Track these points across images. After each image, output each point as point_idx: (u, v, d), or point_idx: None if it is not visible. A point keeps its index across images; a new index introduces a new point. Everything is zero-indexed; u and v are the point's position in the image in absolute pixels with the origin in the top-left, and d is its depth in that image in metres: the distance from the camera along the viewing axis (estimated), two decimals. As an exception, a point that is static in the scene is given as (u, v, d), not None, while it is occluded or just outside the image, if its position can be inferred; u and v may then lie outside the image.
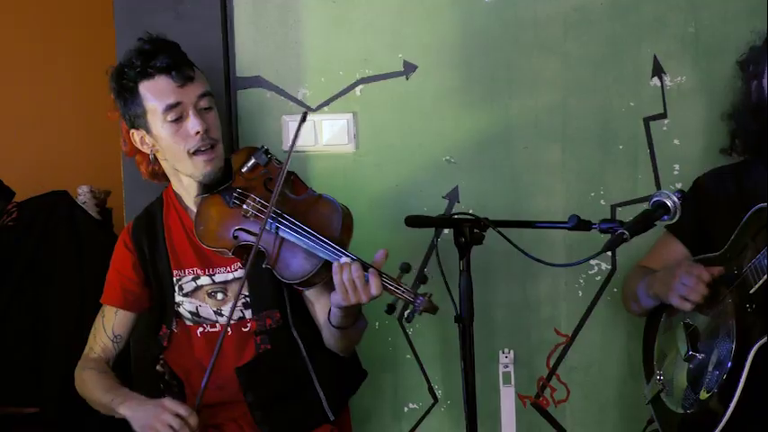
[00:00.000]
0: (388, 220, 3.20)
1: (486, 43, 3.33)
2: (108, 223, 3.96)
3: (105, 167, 4.11)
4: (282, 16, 3.32)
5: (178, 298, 2.99)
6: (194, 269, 2.99)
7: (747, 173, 3.04)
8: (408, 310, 2.72)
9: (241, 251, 2.87)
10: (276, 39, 3.28)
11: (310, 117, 3.30)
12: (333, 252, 2.75)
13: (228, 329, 2.91)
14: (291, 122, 3.30)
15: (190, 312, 2.98)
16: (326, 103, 3.34)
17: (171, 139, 2.89)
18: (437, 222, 2.98)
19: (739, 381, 2.75)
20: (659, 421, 3.04)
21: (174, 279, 3.00)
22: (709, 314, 2.90)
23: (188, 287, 2.99)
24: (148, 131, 2.92)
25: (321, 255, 2.77)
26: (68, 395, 2.94)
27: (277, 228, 2.83)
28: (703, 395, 2.86)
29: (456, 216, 2.91)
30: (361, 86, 3.33)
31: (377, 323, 3.32)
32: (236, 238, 2.87)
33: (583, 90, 3.34)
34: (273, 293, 2.95)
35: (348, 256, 2.74)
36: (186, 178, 2.98)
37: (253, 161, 2.93)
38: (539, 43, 3.33)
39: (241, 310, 2.95)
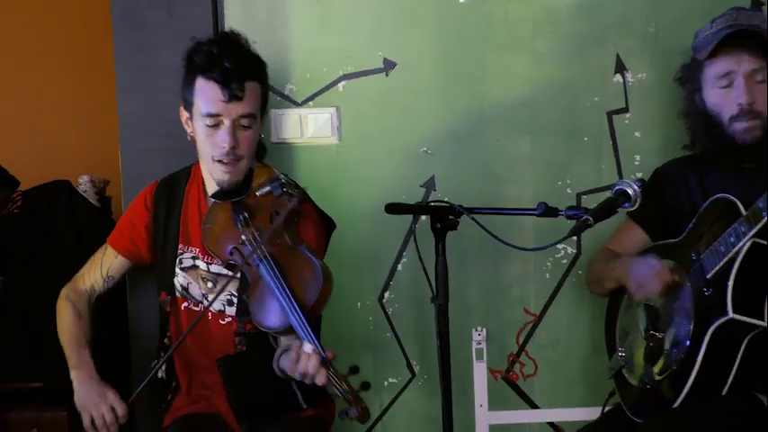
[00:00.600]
0: (368, 208, 3.20)
1: (461, 42, 3.34)
2: (107, 210, 3.95)
3: (104, 158, 4.10)
4: (270, 17, 3.31)
5: (176, 270, 2.96)
6: (197, 250, 2.96)
7: (704, 165, 3.04)
8: (342, 410, 2.64)
9: (232, 266, 2.84)
10: (264, 38, 3.24)
11: (296, 110, 3.32)
12: (301, 327, 2.65)
13: (209, 315, 2.91)
14: (279, 115, 3.30)
15: (181, 286, 2.96)
16: (311, 97, 3.33)
17: (203, 139, 2.84)
18: (415, 209, 2.97)
19: (696, 359, 2.76)
20: (620, 395, 3.05)
21: (179, 251, 2.97)
22: (669, 296, 2.90)
23: (186, 263, 2.96)
24: (191, 118, 2.88)
25: (290, 319, 2.68)
26: (68, 371, 2.93)
27: (258, 266, 2.77)
28: (661, 372, 2.87)
29: (432, 203, 2.91)
30: (343, 82, 3.33)
31: (359, 304, 3.33)
32: (231, 254, 2.83)
33: (551, 86, 3.35)
34: None
35: (312, 341, 2.61)
36: (206, 174, 2.95)
37: (268, 189, 2.84)
38: (510, 42, 3.34)
39: (223, 305, 2.91)
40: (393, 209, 2.94)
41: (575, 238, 3.23)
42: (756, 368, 2.79)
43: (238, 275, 2.86)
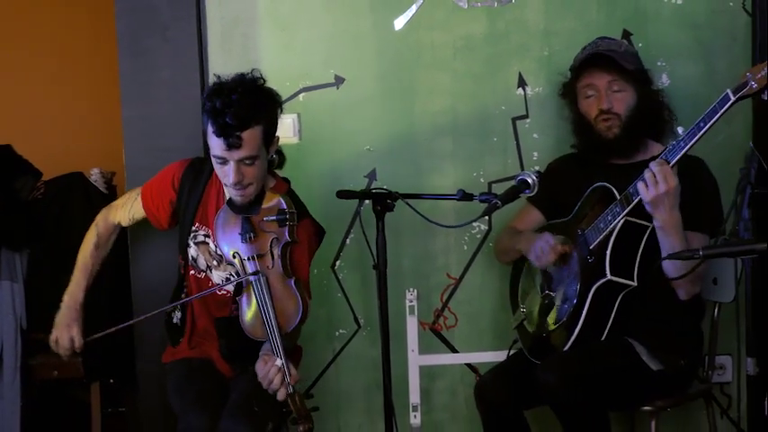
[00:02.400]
0: (324, 194, 3.17)
1: (396, 62, 3.33)
2: (114, 197, 3.91)
3: (111, 154, 4.08)
4: (244, 41, 3.29)
5: (190, 242, 2.92)
6: (209, 230, 2.89)
7: (587, 160, 3.07)
8: (293, 418, 2.64)
9: (231, 263, 2.81)
10: (239, 59, 3.23)
11: None
12: (275, 347, 2.64)
13: (210, 284, 2.89)
14: None
15: (191, 256, 2.92)
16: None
17: (217, 170, 2.75)
18: (360, 195, 2.94)
19: (582, 312, 2.81)
20: (522, 341, 3.07)
21: (194, 228, 2.91)
22: (560, 263, 2.94)
23: (199, 238, 2.91)
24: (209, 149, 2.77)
25: (267, 337, 2.66)
26: (87, 325, 2.93)
27: (253, 286, 2.71)
28: (554, 323, 2.91)
29: (374, 190, 2.90)
30: (303, 94, 3.31)
31: (315, 270, 3.29)
32: (233, 257, 2.77)
33: (467, 97, 3.35)
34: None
35: (282, 362, 2.61)
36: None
37: (274, 218, 2.75)
38: (435, 62, 3.33)
39: (223, 281, 2.88)
40: (343, 195, 2.96)
41: (486, 217, 3.19)
42: (628, 319, 2.84)
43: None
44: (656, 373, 2.82)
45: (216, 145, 2.67)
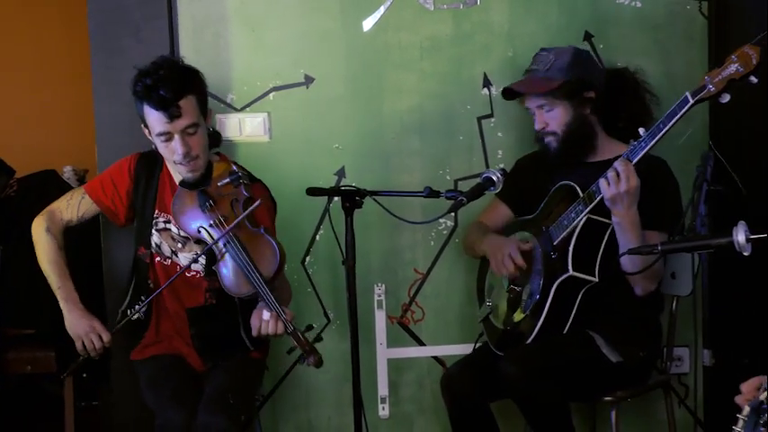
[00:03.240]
0: (294, 191, 3.15)
1: (365, 62, 3.33)
2: None
3: (83, 152, 4.05)
4: (215, 41, 3.27)
5: (153, 231, 2.91)
6: (169, 215, 2.90)
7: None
8: (300, 356, 2.68)
9: (199, 242, 2.82)
10: (211, 58, 3.22)
11: (236, 115, 3.28)
12: (265, 295, 2.66)
13: (177, 266, 2.88)
14: (222, 119, 3.27)
15: (155, 243, 2.92)
16: (248, 105, 3.30)
17: (162, 150, 2.78)
18: (329, 192, 2.94)
19: (545, 306, 2.84)
20: (487, 334, 3.10)
21: (155, 215, 2.92)
22: (525, 259, 2.94)
23: (160, 226, 2.92)
24: (150, 134, 2.80)
25: (256, 288, 2.67)
26: (59, 320, 2.91)
27: (227, 246, 2.73)
28: (519, 317, 2.93)
29: (343, 188, 2.91)
30: (273, 93, 3.30)
31: (286, 266, 3.24)
32: (198, 232, 2.79)
33: (434, 97, 3.35)
34: None
35: (273, 306, 2.64)
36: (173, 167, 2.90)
37: (227, 180, 2.78)
38: (402, 63, 3.34)
39: (190, 262, 2.87)
40: (312, 192, 2.97)
41: (453, 213, 3.19)
42: (589, 313, 2.86)
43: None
44: (616, 365, 2.85)
45: (157, 122, 2.71)
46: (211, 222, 2.78)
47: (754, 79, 2.59)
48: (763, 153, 3.31)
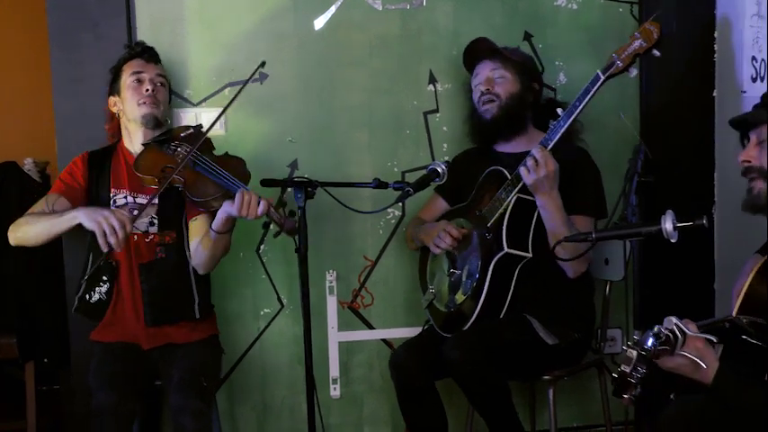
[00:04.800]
0: (249, 182, 3.10)
1: (317, 59, 3.33)
2: (47, 186, 3.84)
3: (44, 144, 3.96)
4: (173, 39, 3.25)
5: (113, 208, 2.89)
6: (125, 191, 2.94)
7: (485, 152, 3.14)
8: (277, 230, 2.76)
9: (163, 180, 2.79)
10: (168, 54, 3.19)
11: (192, 109, 3.27)
12: (237, 184, 2.76)
13: (134, 236, 2.89)
14: (180, 112, 3.26)
15: None
16: (204, 99, 3.29)
17: (131, 94, 2.93)
18: (283, 183, 2.93)
19: (484, 285, 2.86)
20: (432, 319, 3.11)
21: (111, 194, 2.93)
22: (462, 244, 2.98)
23: (120, 202, 2.93)
24: (119, 93, 2.95)
25: (227, 187, 2.76)
26: (25, 311, 2.87)
27: (195, 164, 2.82)
28: (460, 298, 2.95)
29: (296, 179, 2.89)
30: (228, 88, 3.29)
31: (241, 254, 3.31)
32: (163, 171, 2.81)
33: (382, 93, 3.37)
34: (174, 220, 2.93)
35: (247, 189, 2.74)
36: (134, 129, 2.96)
37: (190, 130, 2.93)
38: (353, 60, 3.35)
39: (147, 226, 2.91)
40: (267, 183, 2.96)
41: (400, 203, 3.23)
42: (526, 297, 2.90)
43: (155, 201, 2.85)
44: (553, 347, 2.90)
45: (136, 65, 2.97)
46: (179, 152, 2.87)
47: (656, 52, 2.74)
48: (689, 146, 3.41)
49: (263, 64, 2.86)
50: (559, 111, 2.81)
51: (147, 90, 2.93)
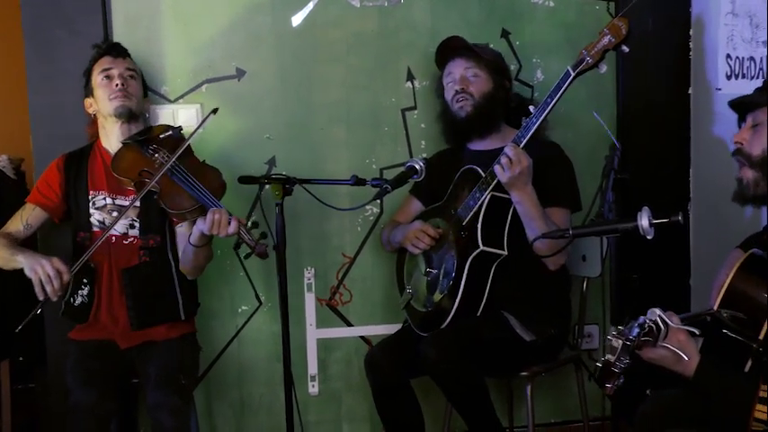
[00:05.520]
0: (226, 179, 3.01)
1: (294, 56, 3.32)
2: (22, 182, 3.82)
3: (19, 141, 3.92)
4: (149, 35, 3.23)
5: (92, 210, 2.90)
6: (104, 192, 2.92)
7: (459, 152, 3.14)
8: (248, 252, 2.77)
9: (141, 185, 2.78)
10: (145, 51, 3.18)
11: (170, 106, 3.25)
12: (211, 201, 2.73)
13: (113, 238, 2.88)
14: (157, 109, 3.24)
15: (98, 221, 2.90)
16: (181, 96, 3.27)
17: (103, 91, 2.90)
18: (261, 180, 2.94)
19: (461, 283, 2.86)
20: (410, 319, 3.11)
21: (90, 197, 2.91)
22: (438, 243, 2.98)
23: (99, 203, 2.91)
24: (93, 94, 2.93)
25: (202, 201, 2.73)
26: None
27: (172, 173, 2.78)
28: (437, 297, 2.95)
29: (274, 176, 2.90)
30: (205, 85, 3.28)
31: (219, 251, 3.28)
32: (140, 175, 2.80)
33: (360, 89, 3.36)
34: (157, 223, 2.91)
35: (220, 206, 2.71)
36: (110, 126, 2.93)
37: (170, 133, 2.87)
38: (330, 57, 3.34)
39: (126, 228, 2.90)
40: (244, 180, 2.97)
41: (378, 200, 3.25)
42: (502, 294, 2.90)
43: (137, 204, 2.85)
44: (530, 343, 2.90)
45: (105, 62, 2.94)
46: (156, 158, 2.84)
47: (625, 48, 2.76)
48: (665, 143, 3.41)
49: (214, 111, 2.83)
50: (531, 108, 2.81)
51: (117, 84, 2.90)
